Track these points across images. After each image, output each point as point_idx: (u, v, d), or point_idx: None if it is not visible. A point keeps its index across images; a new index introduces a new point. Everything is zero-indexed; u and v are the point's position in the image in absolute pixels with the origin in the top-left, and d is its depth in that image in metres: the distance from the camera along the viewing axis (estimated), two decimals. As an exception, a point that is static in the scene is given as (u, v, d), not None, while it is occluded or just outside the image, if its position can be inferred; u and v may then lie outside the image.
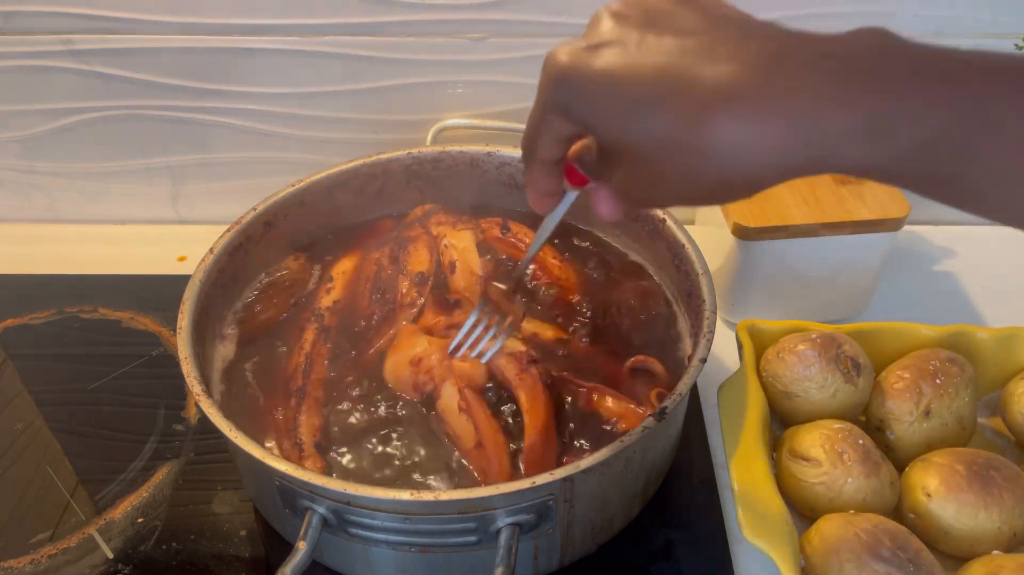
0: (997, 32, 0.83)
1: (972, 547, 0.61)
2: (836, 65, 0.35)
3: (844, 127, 0.33)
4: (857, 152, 0.34)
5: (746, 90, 0.34)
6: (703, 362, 0.60)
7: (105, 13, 0.84)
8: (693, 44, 0.36)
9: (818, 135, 0.33)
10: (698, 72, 0.35)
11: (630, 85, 0.36)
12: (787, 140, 0.34)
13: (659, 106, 0.35)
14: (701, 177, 0.36)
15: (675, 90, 0.35)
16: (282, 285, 0.74)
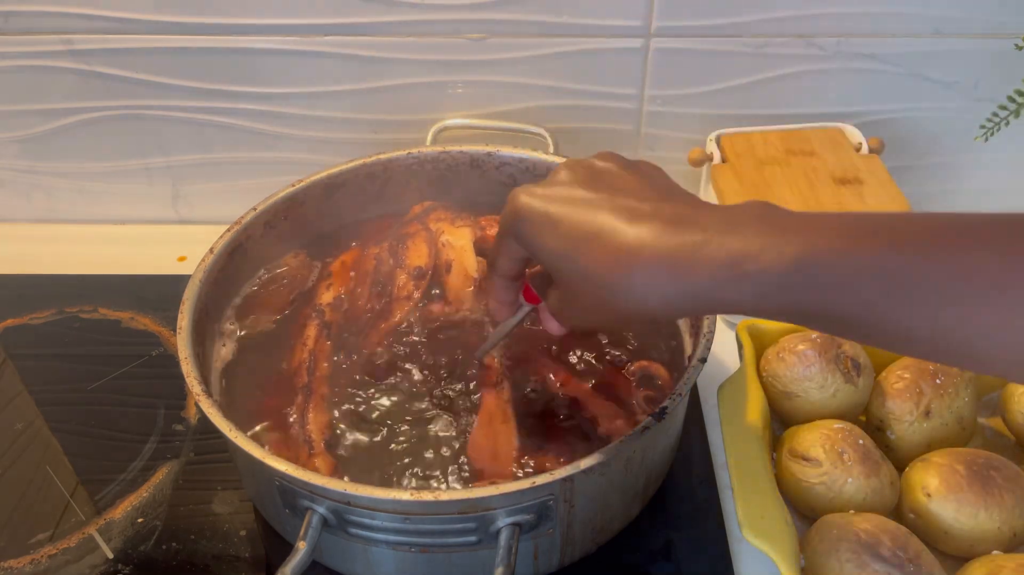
0: (997, 32, 0.83)
1: (972, 547, 0.61)
2: (716, 228, 0.41)
3: (713, 276, 0.40)
4: (727, 295, 0.40)
5: (647, 248, 0.42)
6: (703, 362, 0.60)
7: (105, 13, 0.84)
8: (623, 204, 0.44)
9: (696, 287, 0.41)
10: (619, 228, 0.43)
11: (567, 228, 0.45)
12: (673, 290, 0.41)
13: (584, 249, 0.44)
14: (610, 308, 0.44)
15: (598, 239, 0.43)
16: (280, 281, 0.74)
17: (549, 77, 0.87)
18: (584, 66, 0.86)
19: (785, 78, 0.87)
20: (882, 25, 0.83)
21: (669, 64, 0.86)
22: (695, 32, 0.84)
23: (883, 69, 0.86)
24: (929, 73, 0.86)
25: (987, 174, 0.93)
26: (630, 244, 0.42)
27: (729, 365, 0.79)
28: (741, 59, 0.85)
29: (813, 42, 0.84)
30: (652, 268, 0.41)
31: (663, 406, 0.57)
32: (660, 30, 0.84)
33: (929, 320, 0.36)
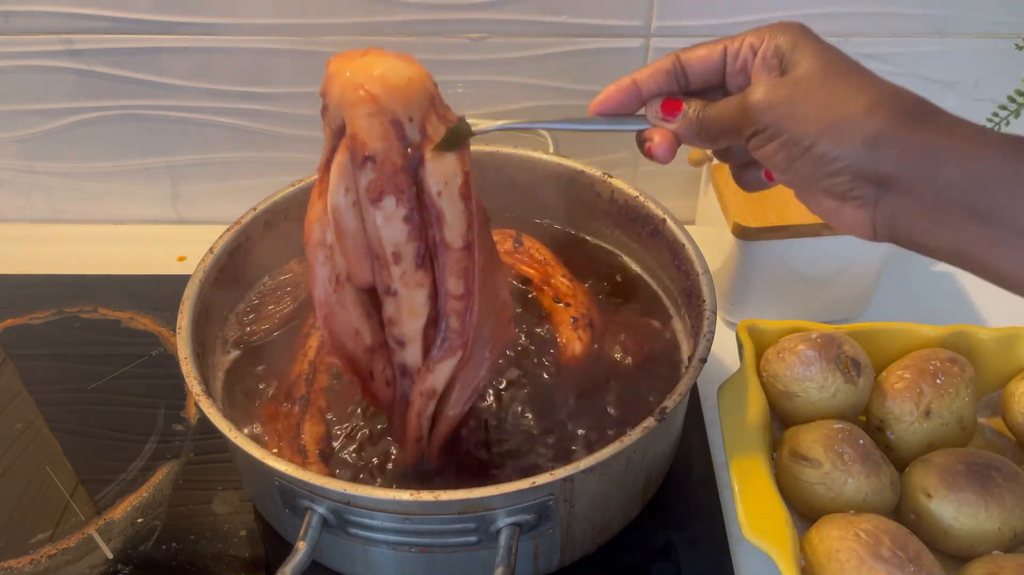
0: (997, 32, 0.83)
1: (972, 547, 0.61)
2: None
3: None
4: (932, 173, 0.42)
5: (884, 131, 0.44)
6: (703, 362, 0.60)
7: (105, 13, 0.84)
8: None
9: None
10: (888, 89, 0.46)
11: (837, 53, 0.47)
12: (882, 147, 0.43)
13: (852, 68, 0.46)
14: (846, 95, 0.44)
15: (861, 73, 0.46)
16: (285, 287, 0.74)
17: (549, 77, 0.87)
18: (584, 66, 0.86)
19: (785, 78, 0.86)
20: (882, 25, 0.83)
21: (669, 64, 0.86)
22: (695, 32, 0.84)
23: (883, 69, 0.85)
24: (929, 73, 0.86)
25: (987, 174, 0.93)
26: (885, 106, 0.44)
27: (729, 365, 0.79)
28: (741, 59, 0.85)
29: (813, 42, 0.84)
30: (887, 129, 0.43)
31: (663, 406, 0.57)
32: (660, 30, 0.84)
33: None
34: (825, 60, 0.46)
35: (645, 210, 0.73)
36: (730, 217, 0.76)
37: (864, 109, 0.43)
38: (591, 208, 0.78)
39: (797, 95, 0.45)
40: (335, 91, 0.46)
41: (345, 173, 0.44)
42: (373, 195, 0.44)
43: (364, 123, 0.44)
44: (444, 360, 0.51)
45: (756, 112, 0.46)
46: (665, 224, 0.72)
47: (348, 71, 0.47)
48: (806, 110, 0.44)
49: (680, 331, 0.71)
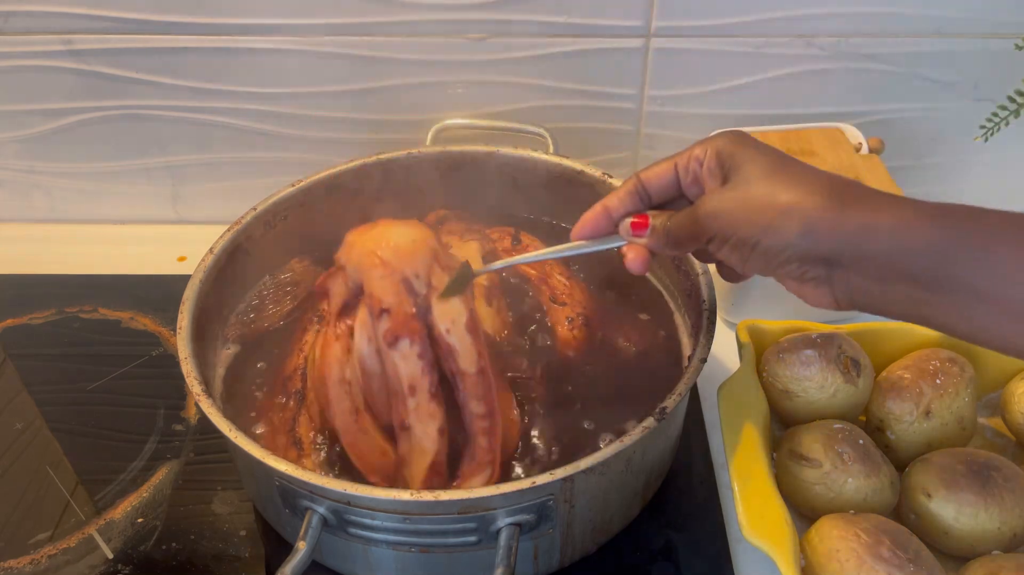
0: (997, 32, 0.83)
1: (972, 547, 0.61)
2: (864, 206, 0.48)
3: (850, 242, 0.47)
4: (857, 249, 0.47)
5: (821, 202, 0.47)
6: (703, 362, 0.60)
7: (105, 13, 0.84)
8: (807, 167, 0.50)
9: (839, 242, 0.47)
10: (810, 178, 0.49)
11: (773, 156, 0.51)
12: (816, 236, 0.48)
13: (783, 173, 0.49)
14: (768, 225, 0.48)
15: (796, 171, 0.49)
16: (285, 287, 0.74)
17: (549, 77, 0.87)
18: (584, 66, 0.86)
19: (785, 78, 0.86)
20: (882, 25, 0.83)
21: (669, 64, 0.86)
22: (695, 32, 0.84)
23: (883, 69, 0.86)
24: (929, 73, 0.86)
25: (987, 174, 0.93)
26: (814, 194, 0.47)
27: (729, 365, 0.79)
28: (741, 59, 0.85)
29: (813, 42, 0.84)
30: (817, 215, 0.47)
31: (663, 406, 0.57)
32: (660, 30, 0.84)
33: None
34: (763, 162, 0.50)
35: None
36: (730, 217, 0.76)
37: (797, 200, 0.47)
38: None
39: (738, 202, 0.50)
40: (353, 258, 0.54)
41: (366, 326, 0.52)
42: (389, 339, 0.52)
43: (379, 284, 0.53)
44: (474, 476, 0.56)
45: (706, 222, 0.51)
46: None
47: (363, 241, 0.55)
48: (748, 214, 0.49)
49: (680, 331, 0.71)
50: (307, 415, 0.64)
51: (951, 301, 0.45)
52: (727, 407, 0.67)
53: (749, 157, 0.50)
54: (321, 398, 0.54)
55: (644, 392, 0.66)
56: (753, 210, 0.49)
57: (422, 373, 0.52)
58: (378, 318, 0.52)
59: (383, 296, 0.53)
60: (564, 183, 0.78)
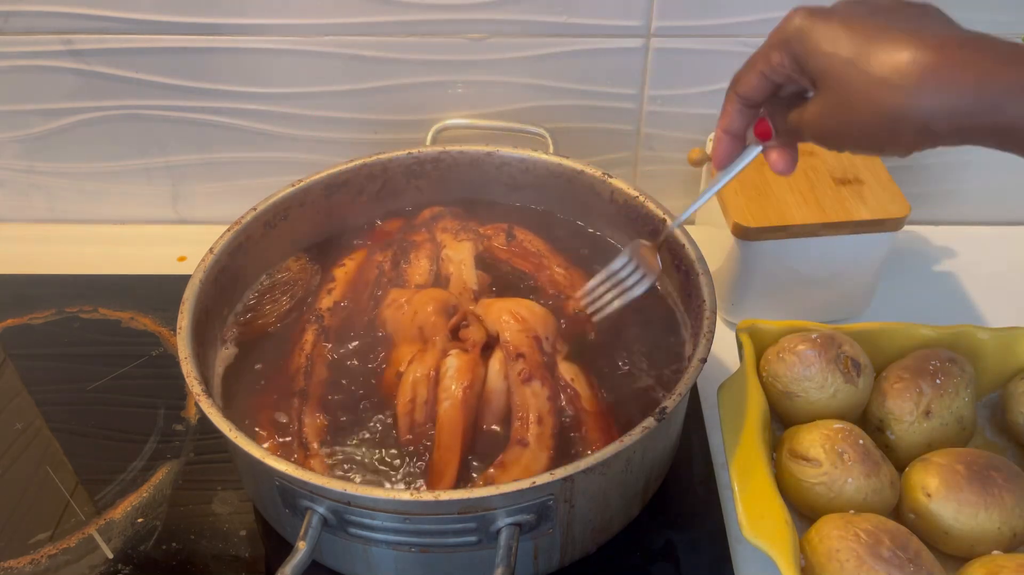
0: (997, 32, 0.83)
1: (972, 547, 0.61)
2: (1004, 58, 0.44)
3: (1004, 91, 0.43)
4: (1008, 112, 0.43)
5: (945, 57, 0.44)
6: (703, 362, 0.60)
7: (105, 13, 0.84)
8: (911, 24, 0.46)
9: (980, 101, 0.43)
10: (915, 38, 0.45)
11: (858, 34, 0.46)
12: (960, 101, 0.43)
13: (878, 52, 0.45)
14: (887, 115, 0.45)
15: (893, 44, 0.45)
16: (283, 286, 0.74)
17: (549, 77, 0.87)
18: (584, 66, 0.86)
19: (785, 78, 0.86)
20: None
21: (669, 64, 0.86)
22: (695, 32, 0.84)
23: (883, 69, 0.86)
24: (929, 73, 0.86)
25: (987, 174, 0.93)
26: (927, 50, 0.44)
27: (729, 365, 0.79)
28: (741, 59, 0.84)
29: (813, 42, 0.84)
30: (947, 76, 0.43)
31: (663, 406, 0.57)
32: (660, 30, 0.84)
33: None
34: (843, 58, 0.47)
35: (645, 210, 0.73)
36: (730, 217, 0.76)
37: (903, 94, 0.45)
38: (591, 208, 0.78)
39: (839, 115, 0.48)
40: (492, 314, 0.67)
41: (503, 363, 0.64)
42: (524, 376, 0.63)
43: (516, 335, 0.65)
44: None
45: (818, 133, 0.50)
46: (665, 224, 0.72)
47: (503, 304, 0.68)
48: (855, 125, 0.47)
49: (680, 331, 0.71)
50: (311, 415, 0.64)
51: None
52: (727, 407, 0.67)
53: (829, 57, 0.47)
54: (450, 401, 0.62)
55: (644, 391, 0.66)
56: (865, 122, 0.46)
57: (550, 412, 0.62)
58: (514, 360, 0.64)
59: (519, 345, 0.64)
60: (564, 183, 0.78)
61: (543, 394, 0.62)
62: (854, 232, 0.75)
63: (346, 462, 0.62)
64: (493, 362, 0.65)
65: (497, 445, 0.62)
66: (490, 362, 0.65)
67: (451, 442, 0.60)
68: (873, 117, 0.46)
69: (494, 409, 0.64)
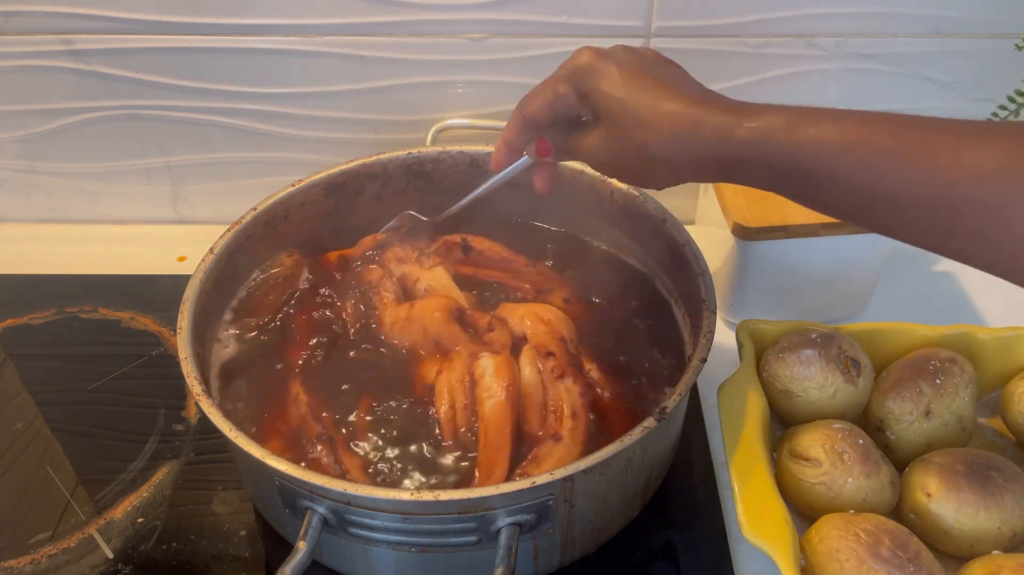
0: (997, 32, 0.83)
1: (972, 547, 0.61)
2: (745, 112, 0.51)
3: (733, 134, 0.50)
4: (738, 149, 0.50)
5: (696, 110, 0.52)
6: (703, 362, 0.60)
7: (105, 13, 0.84)
8: (677, 80, 0.55)
9: (715, 143, 0.51)
10: (678, 91, 0.53)
11: (636, 79, 0.54)
12: (697, 143, 0.52)
13: (647, 98, 0.53)
14: (646, 147, 0.53)
15: (661, 94, 0.53)
16: (276, 280, 0.74)
17: (549, 77, 0.87)
18: (584, 66, 0.86)
19: (785, 78, 0.86)
20: (882, 25, 0.83)
21: (669, 64, 0.86)
22: (695, 32, 0.84)
23: (883, 69, 0.86)
24: (929, 73, 0.86)
25: (987, 174, 0.93)
26: (679, 102, 0.52)
27: (729, 365, 0.79)
28: (741, 59, 0.85)
29: (813, 42, 0.84)
30: (691, 125, 0.51)
31: (663, 406, 0.57)
32: (660, 30, 0.84)
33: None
34: (621, 99, 0.54)
35: (645, 210, 0.73)
36: (730, 217, 0.76)
37: (672, 138, 0.53)
38: (591, 208, 0.78)
39: (613, 148, 0.55)
40: (516, 317, 0.69)
41: (534, 362, 0.65)
42: (557, 373, 0.64)
43: (544, 336, 0.67)
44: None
45: (594, 164, 0.58)
46: (665, 224, 0.72)
47: (525, 308, 0.70)
48: (624, 160, 0.55)
49: (680, 331, 0.71)
50: (348, 456, 0.62)
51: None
52: (727, 407, 0.67)
53: (606, 96, 0.53)
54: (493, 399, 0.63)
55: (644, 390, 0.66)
56: (628, 157, 0.54)
57: (583, 407, 0.63)
58: (544, 358, 0.65)
59: (547, 344, 0.66)
60: (564, 183, 0.78)
61: (575, 390, 0.63)
62: (854, 232, 0.75)
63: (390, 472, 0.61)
64: (524, 362, 0.65)
65: (527, 442, 0.62)
66: (521, 361, 0.65)
67: (499, 439, 0.61)
68: (634, 153, 0.53)
69: (532, 406, 0.64)
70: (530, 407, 0.64)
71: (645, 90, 0.53)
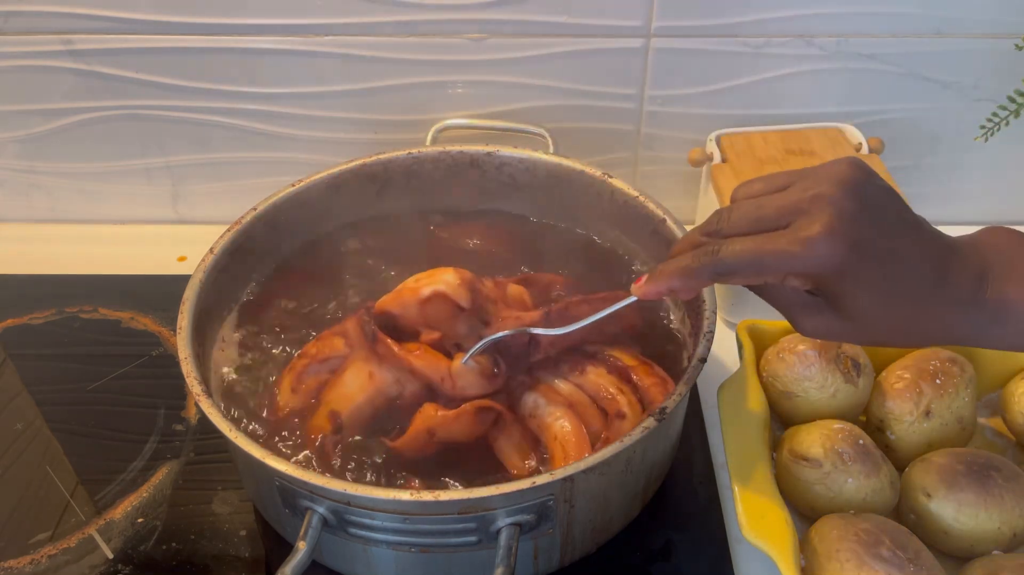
0: (997, 32, 0.83)
1: (972, 547, 0.61)
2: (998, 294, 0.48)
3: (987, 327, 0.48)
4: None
5: (947, 323, 0.48)
6: (703, 362, 0.60)
7: (105, 13, 0.84)
8: (924, 274, 0.48)
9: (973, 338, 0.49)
10: (925, 300, 0.48)
11: (886, 292, 0.47)
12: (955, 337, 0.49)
13: (906, 323, 0.48)
14: (896, 339, 0.49)
15: (908, 311, 0.48)
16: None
17: (549, 77, 0.87)
18: (584, 66, 0.86)
19: (785, 78, 0.86)
20: (882, 25, 0.83)
21: (669, 64, 0.86)
22: (695, 32, 0.84)
23: (883, 69, 0.86)
24: (929, 73, 0.86)
25: (987, 174, 0.93)
26: (938, 310, 0.48)
27: (729, 365, 0.79)
28: (741, 59, 0.85)
29: (813, 42, 0.84)
30: (946, 329, 0.48)
31: (663, 406, 0.57)
32: (660, 30, 0.84)
33: None
34: (877, 306, 0.49)
35: (645, 210, 0.73)
36: (730, 217, 0.76)
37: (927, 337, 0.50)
38: (591, 208, 0.78)
39: (860, 334, 0.50)
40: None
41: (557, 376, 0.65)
42: (579, 370, 0.65)
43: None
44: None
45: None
46: (665, 224, 0.72)
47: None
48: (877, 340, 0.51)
49: (680, 331, 0.71)
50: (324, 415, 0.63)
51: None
52: (727, 407, 0.67)
53: (861, 311, 0.47)
54: (559, 419, 0.62)
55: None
56: (869, 339, 0.50)
57: (621, 379, 0.64)
58: (555, 368, 0.65)
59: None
60: (564, 183, 0.78)
61: (602, 371, 0.64)
62: (854, 232, 0.75)
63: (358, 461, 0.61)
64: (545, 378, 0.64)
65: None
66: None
67: (577, 446, 0.60)
68: (869, 344, 0.51)
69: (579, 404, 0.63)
70: (584, 410, 0.63)
71: (907, 299, 0.47)
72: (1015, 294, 0.47)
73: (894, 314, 0.47)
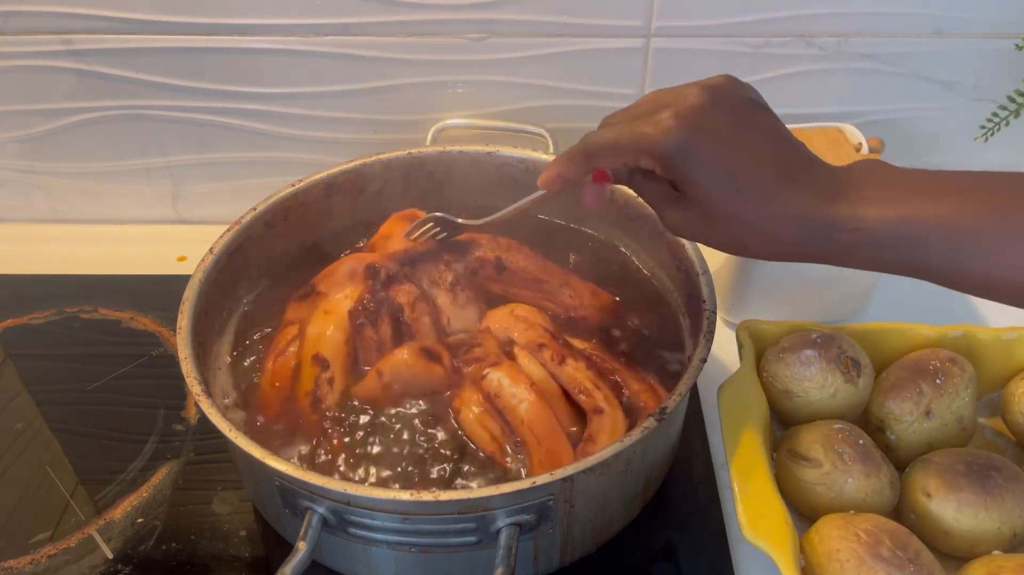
0: (997, 32, 0.83)
1: (972, 547, 0.61)
2: (835, 195, 0.50)
3: (830, 237, 0.50)
4: (836, 248, 0.50)
5: (794, 210, 0.50)
6: (703, 362, 0.60)
7: (105, 13, 0.84)
8: (774, 159, 0.50)
9: (816, 240, 0.50)
10: (773, 186, 0.50)
11: (728, 171, 0.50)
12: (798, 237, 0.50)
13: (742, 196, 0.50)
14: (736, 237, 0.51)
15: (756, 190, 0.49)
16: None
17: (549, 77, 0.87)
18: (584, 66, 0.86)
19: (785, 78, 0.87)
20: (882, 25, 0.83)
21: (669, 64, 0.86)
22: (695, 32, 0.84)
23: (883, 69, 0.86)
24: (929, 73, 0.86)
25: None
26: (780, 204, 0.49)
27: (729, 365, 0.79)
28: (741, 59, 0.85)
29: (813, 42, 0.84)
30: (791, 227, 0.49)
31: (663, 406, 0.57)
32: (660, 30, 0.84)
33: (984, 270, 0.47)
34: (719, 183, 0.50)
35: (645, 210, 0.73)
36: (730, 217, 0.76)
37: (770, 224, 0.51)
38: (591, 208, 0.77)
39: (702, 225, 0.53)
40: (495, 323, 0.69)
41: (532, 359, 0.66)
42: (558, 359, 0.66)
43: (527, 332, 0.68)
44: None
45: (674, 230, 0.55)
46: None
47: (499, 313, 0.70)
48: (717, 236, 0.53)
49: (680, 331, 0.71)
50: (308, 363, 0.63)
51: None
52: (727, 407, 0.67)
53: (703, 191, 0.50)
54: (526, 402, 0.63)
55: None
56: (718, 241, 0.52)
57: (599, 375, 0.65)
58: (538, 351, 0.66)
59: (535, 338, 0.67)
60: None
61: (581, 365, 0.65)
62: (854, 232, 0.75)
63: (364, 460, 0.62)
64: (522, 361, 0.66)
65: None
66: (520, 362, 0.66)
67: (550, 431, 0.61)
68: (727, 242, 0.52)
69: (553, 397, 0.64)
70: (553, 400, 0.64)
71: (748, 186, 0.49)
72: (872, 213, 0.48)
73: (736, 205, 0.49)
